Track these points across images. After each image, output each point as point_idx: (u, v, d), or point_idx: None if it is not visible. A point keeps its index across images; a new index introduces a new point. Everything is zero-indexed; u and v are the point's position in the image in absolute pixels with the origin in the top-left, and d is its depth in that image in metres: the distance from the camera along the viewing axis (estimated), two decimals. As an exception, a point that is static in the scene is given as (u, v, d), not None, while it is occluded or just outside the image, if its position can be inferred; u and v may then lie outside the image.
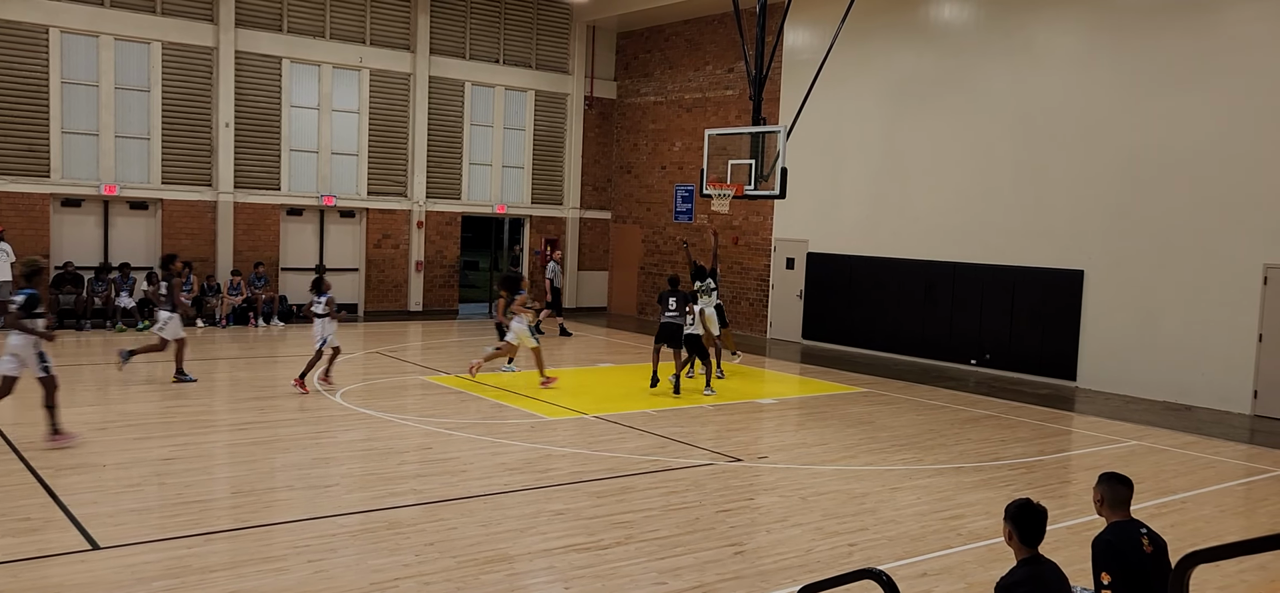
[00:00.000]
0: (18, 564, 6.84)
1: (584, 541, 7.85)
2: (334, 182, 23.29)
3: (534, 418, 12.68)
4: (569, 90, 26.50)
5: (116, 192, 20.58)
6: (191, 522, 7.92)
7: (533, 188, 26.34)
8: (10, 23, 19.26)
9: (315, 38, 22.64)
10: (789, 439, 12.48)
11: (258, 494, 8.94)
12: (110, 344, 17.79)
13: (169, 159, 21.21)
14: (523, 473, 9.91)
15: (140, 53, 20.72)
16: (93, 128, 20.35)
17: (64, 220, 20.39)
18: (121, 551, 7.21)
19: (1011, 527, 4.52)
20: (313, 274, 19.54)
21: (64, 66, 19.94)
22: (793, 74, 21.47)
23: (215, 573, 6.81)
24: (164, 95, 21.02)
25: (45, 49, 19.67)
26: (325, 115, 23.06)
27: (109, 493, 8.58)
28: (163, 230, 21.30)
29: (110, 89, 20.44)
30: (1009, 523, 4.53)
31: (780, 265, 22.77)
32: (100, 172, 20.45)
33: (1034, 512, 4.51)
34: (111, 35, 20.31)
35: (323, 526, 8.02)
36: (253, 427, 11.69)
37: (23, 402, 12.55)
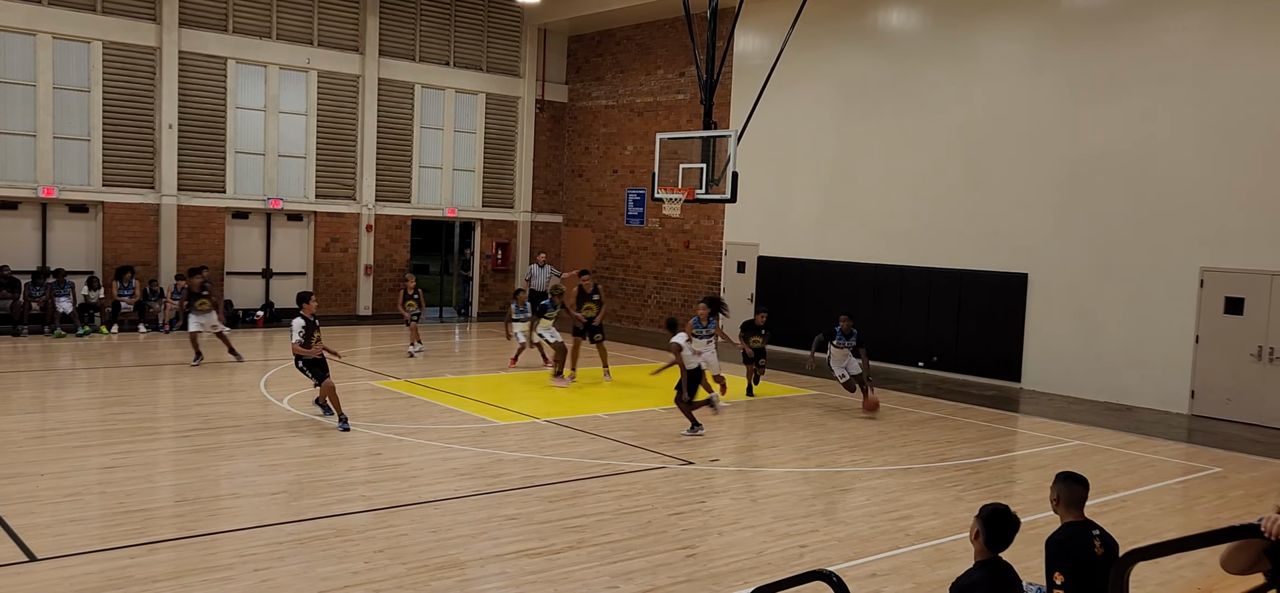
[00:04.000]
0: (-49, 578, 6.64)
1: (536, 545, 7.82)
2: (281, 184, 22.95)
3: (485, 423, 12.61)
4: (520, 93, 26.40)
5: (55, 194, 20.08)
6: (134, 532, 7.75)
7: (484, 191, 26.19)
8: (-57, 20, 18.72)
9: (261, 38, 22.30)
10: (740, 442, 12.54)
11: (202, 503, 8.78)
12: (48, 350, 17.36)
13: (110, 161, 20.74)
14: (474, 478, 9.84)
15: (80, 52, 20.25)
16: (30, 129, 19.84)
17: (2, 222, 19.84)
18: (60, 561, 7.03)
19: (981, 528, 4.58)
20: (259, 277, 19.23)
21: (2, 66, 19.42)
22: (743, 79, 21.61)
23: (159, 583, 6.67)
24: (105, 96, 20.56)
25: (-20, 47, 19.15)
26: (272, 117, 22.71)
27: (47, 503, 8.37)
28: (103, 234, 20.82)
29: (48, 89, 19.95)
30: (980, 524, 4.60)
31: (732, 268, 22.89)
32: (38, 173, 19.94)
33: (1008, 520, 4.59)
34: (50, 34, 19.82)
35: (269, 534, 7.89)
36: (196, 434, 11.47)
37: (-44, 410, 12.19)
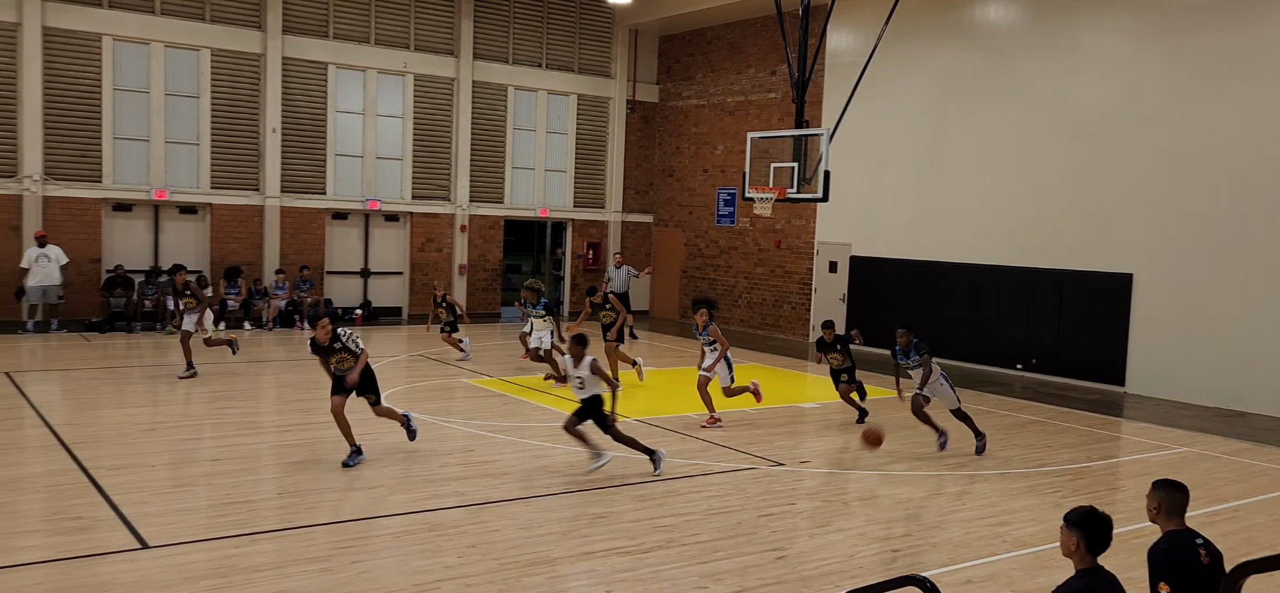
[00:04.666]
0: (69, 562, 6.98)
1: (625, 544, 7.84)
2: (378, 186, 23.53)
3: (575, 421, 12.69)
4: (611, 94, 26.55)
5: (166, 196, 20.97)
6: (239, 522, 8.03)
7: (575, 191, 26.42)
8: (65, 32, 19.69)
9: (360, 43, 22.90)
10: (832, 444, 12.38)
11: (303, 495, 9.04)
12: (159, 347, 18.12)
13: (218, 164, 21.57)
14: (564, 476, 9.92)
15: (190, 60, 21.10)
16: (144, 134, 20.76)
17: (115, 225, 20.81)
18: (169, 549, 7.33)
19: (1079, 535, 4.41)
20: (357, 277, 19.74)
21: (116, 74, 20.36)
22: (836, 76, 21.32)
23: (261, 573, 6.89)
24: (213, 101, 21.39)
25: (98, 57, 20.10)
26: (370, 120, 23.31)
27: (158, 493, 8.73)
28: (211, 234, 21.66)
29: (161, 96, 20.84)
30: (1075, 531, 4.43)
31: (823, 269, 22.62)
32: (150, 177, 20.85)
33: (1101, 520, 4.43)
34: (162, 43, 20.70)
35: (366, 527, 8.09)
36: (298, 428, 11.83)
37: (78, 403, 12.83)
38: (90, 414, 12.05)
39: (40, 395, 12.93)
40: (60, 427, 11.07)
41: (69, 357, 16.54)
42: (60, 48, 19.70)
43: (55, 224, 19.75)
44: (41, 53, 19.41)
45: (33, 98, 19.37)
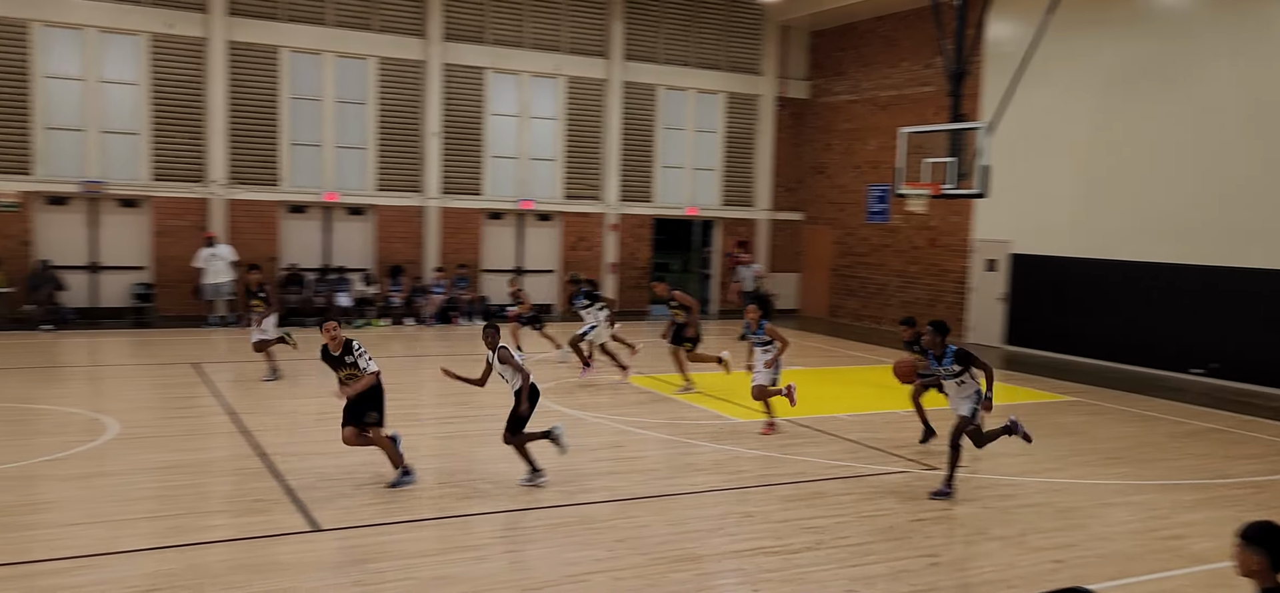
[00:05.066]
0: (251, 541, 7.47)
1: (773, 544, 7.80)
2: (532, 186, 24.15)
3: (723, 420, 12.70)
4: (761, 91, 26.39)
5: (337, 198, 22.12)
6: (401, 508, 8.40)
7: (724, 190, 26.41)
8: (247, 45, 21.03)
9: (515, 48, 23.55)
10: (988, 448, 11.94)
11: (460, 485, 9.38)
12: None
13: (383, 167, 22.61)
14: (711, 474, 9.95)
15: (358, 68, 22.18)
16: (317, 139, 21.96)
17: (291, 225, 22.10)
18: (340, 532, 7.74)
19: (1262, 553, 4.10)
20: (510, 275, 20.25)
21: (293, 83, 21.61)
22: (995, 67, 20.54)
23: (423, 558, 7.20)
24: (379, 107, 22.43)
25: (276, 67, 21.38)
26: (524, 122, 23.94)
27: (329, 479, 9.22)
28: (377, 234, 22.72)
29: (332, 103, 22.00)
30: (1256, 548, 4.12)
31: (980, 267, 21.83)
32: (323, 180, 22.04)
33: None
34: (333, 53, 21.84)
35: (519, 518, 8.33)
36: (455, 421, 12.28)
37: (257, 392, 13.69)
38: (268, 403, 12.84)
39: (224, 385, 13.87)
40: (244, 415, 11.84)
41: (248, 349, 17.67)
42: (243, 60, 21.05)
43: (237, 226, 21.14)
44: (226, 65, 20.79)
45: (218, 107, 20.78)
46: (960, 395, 9.48)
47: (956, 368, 9.38)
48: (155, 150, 20.56)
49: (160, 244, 20.73)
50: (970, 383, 9.42)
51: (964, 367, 9.40)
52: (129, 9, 19.98)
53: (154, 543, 7.44)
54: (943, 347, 9.45)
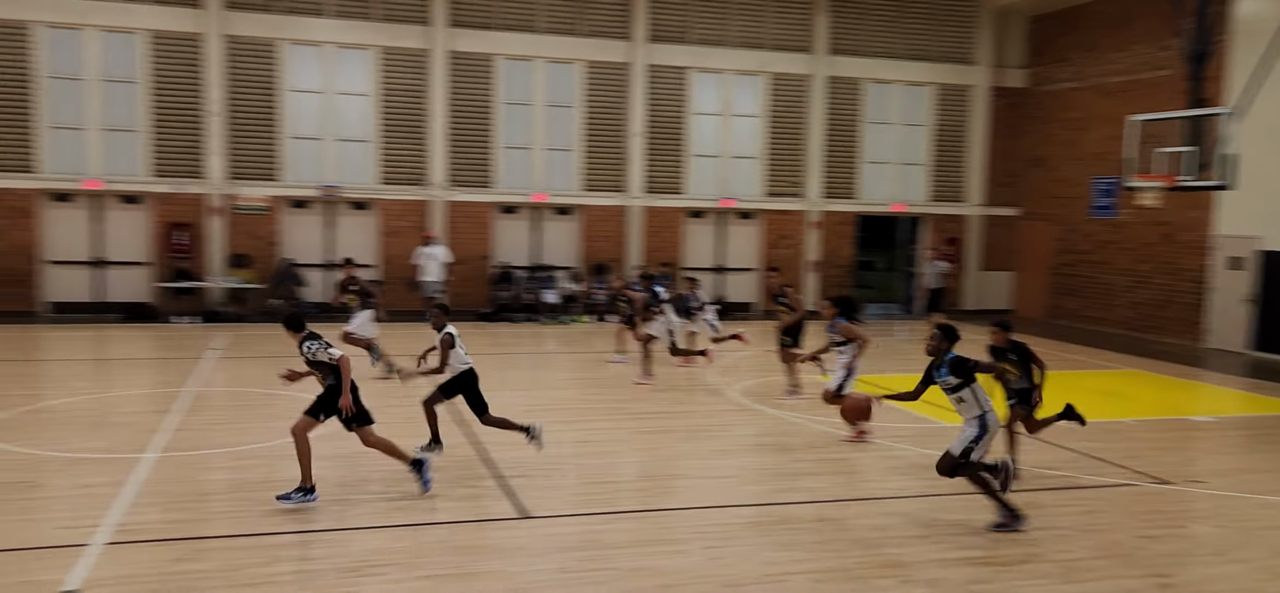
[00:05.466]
0: (464, 525, 7.86)
1: (983, 554, 7.45)
2: (733, 184, 24.15)
3: (929, 423, 12.25)
4: (973, 81, 25.28)
5: (546, 199, 22.93)
6: (604, 501, 8.61)
7: (931, 185, 25.48)
8: (465, 54, 22.13)
9: (718, 46, 23.62)
10: (1230, 463, 10.93)
11: (661, 480, 9.50)
12: (536, 336, 19.82)
13: (589, 168, 23.24)
14: (917, 479, 9.61)
15: (566, 73, 22.90)
16: (527, 142, 22.84)
17: (503, 225, 23.09)
18: (545, 520, 8.02)
19: None
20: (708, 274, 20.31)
21: (506, 89, 22.56)
22: (1244, 46, 18.74)
23: (622, 549, 7.34)
24: (587, 110, 23.07)
25: (491, 75, 22.39)
26: (726, 120, 23.99)
27: (536, 469, 9.55)
28: (583, 233, 23.39)
29: (542, 107, 22.82)
30: None
31: (1222, 266, 20.01)
32: (532, 181, 22.90)
33: None
34: (544, 58, 22.64)
35: (720, 515, 8.33)
36: (659, 416, 12.45)
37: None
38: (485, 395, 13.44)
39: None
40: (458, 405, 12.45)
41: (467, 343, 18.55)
42: (461, 69, 22.17)
43: (455, 226, 22.30)
44: (447, 75, 21.97)
45: (439, 115, 21.99)
46: (964, 417, 7.93)
47: (953, 381, 7.85)
48: (383, 156, 22.00)
49: (387, 244, 22.16)
50: (971, 403, 7.85)
51: (961, 381, 7.82)
52: (361, 25, 21.46)
53: (378, 522, 7.95)
54: (944, 353, 7.93)
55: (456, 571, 6.87)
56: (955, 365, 7.84)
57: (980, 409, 7.85)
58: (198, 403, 12.32)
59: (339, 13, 21.33)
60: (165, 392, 12.98)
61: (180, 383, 13.48)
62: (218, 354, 16.35)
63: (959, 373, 7.83)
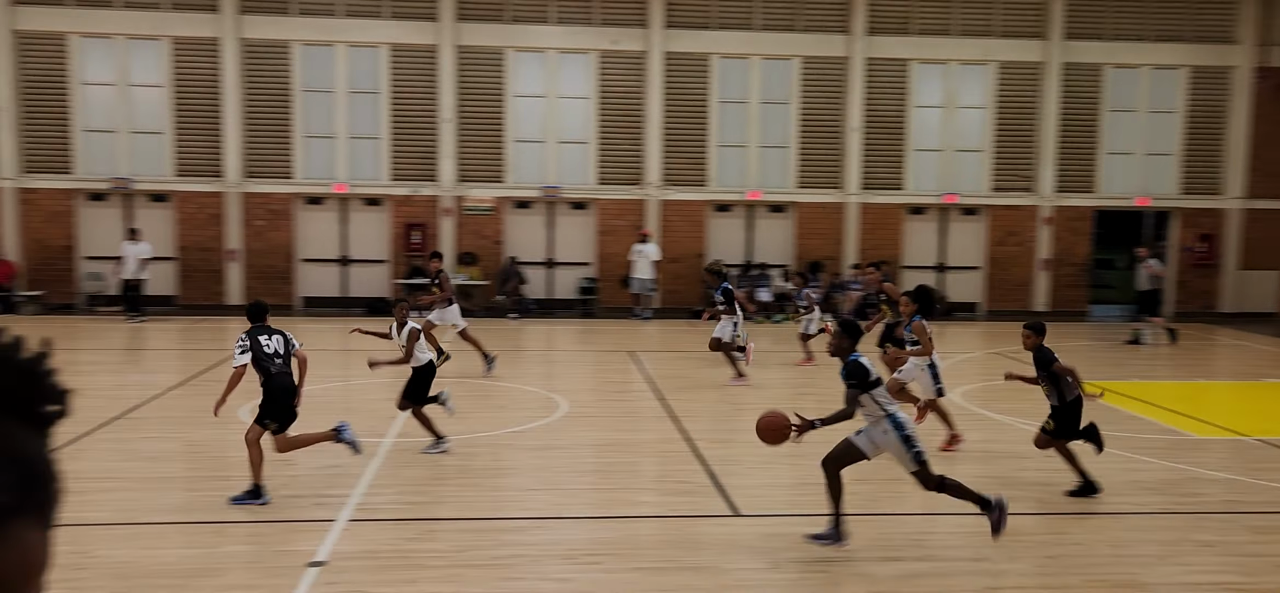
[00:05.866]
0: (675, 519, 7.93)
1: (1240, 580, 6.76)
2: (956, 179, 23.16)
3: (1177, 434, 11.27)
4: (1234, 62, 23.04)
5: (759, 196, 22.83)
6: (819, 502, 8.44)
7: (1182, 177, 23.44)
8: (681, 54, 22.38)
9: (941, 36, 22.72)
10: None
11: (877, 484, 9.22)
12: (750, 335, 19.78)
13: (804, 165, 22.94)
14: (1162, 494, 8.86)
15: (783, 69, 22.70)
16: (741, 140, 22.83)
17: (717, 223, 23.18)
18: (758, 519, 7.96)
19: None
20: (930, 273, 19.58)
21: (721, 87, 22.64)
22: None
23: (849, 551, 7.17)
24: (801, 106, 22.79)
25: (707, 74, 22.52)
26: (949, 113, 23.05)
27: (749, 467, 9.52)
28: (796, 230, 23.12)
29: (756, 104, 22.74)
30: None
31: None
32: (746, 179, 22.86)
33: None
34: (759, 56, 22.56)
35: (933, 523, 8.00)
36: (874, 418, 12.09)
37: (684, 381, 14.51)
38: (694, 392, 13.56)
39: (654, 373, 14.88)
40: (670, 401, 12.62)
41: (677, 340, 18.79)
42: (678, 69, 22.44)
43: (669, 224, 22.61)
44: (663, 75, 22.30)
45: (655, 115, 22.35)
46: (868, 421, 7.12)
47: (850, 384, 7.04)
48: (601, 156, 22.60)
49: (603, 242, 22.77)
50: (873, 406, 7.04)
51: (855, 385, 7.00)
52: (580, 30, 22.15)
53: (594, 512, 8.15)
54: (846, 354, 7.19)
55: (669, 564, 6.93)
56: (851, 370, 7.11)
57: (882, 411, 7.07)
58: (430, 392, 13.07)
59: (561, 19, 22.09)
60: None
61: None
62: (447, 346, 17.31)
63: (854, 377, 7.06)
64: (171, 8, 21.24)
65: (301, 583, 6.39)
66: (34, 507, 1.00)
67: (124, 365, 16.23)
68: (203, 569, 6.70)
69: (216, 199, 21.79)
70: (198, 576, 6.58)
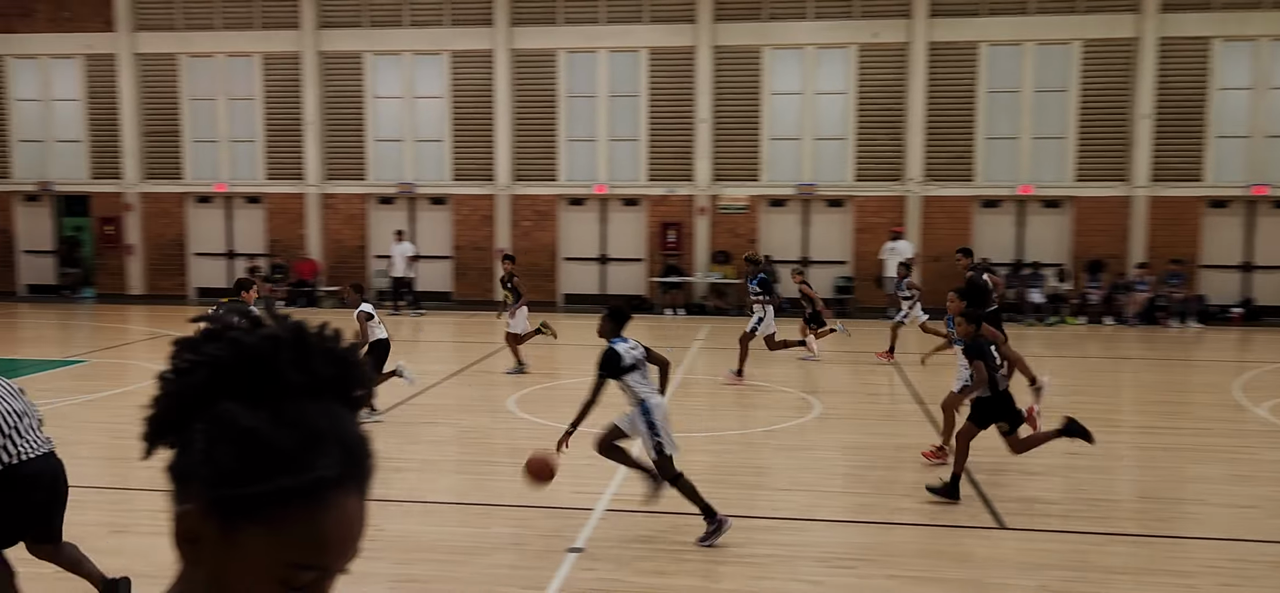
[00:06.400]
0: (936, 529, 7.56)
1: None
2: (1268, 168, 20.69)
3: None
4: None
5: (1031, 191, 21.44)
6: (1095, 519, 7.79)
7: None
8: (946, 44, 21.43)
9: (1250, 11, 20.40)
10: None
11: (1166, 503, 8.39)
12: (1020, 339, 18.60)
13: (1083, 156, 21.32)
14: None
15: (1061, 54, 21.21)
16: (1013, 131, 21.52)
17: (983, 220, 21.99)
18: (1024, 534, 7.44)
19: None
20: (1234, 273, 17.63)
21: (989, 77, 21.46)
22: None
23: (1117, 575, 6.57)
24: (1083, 93, 21.18)
25: (975, 63, 21.42)
26: (1259, 94, 20.69)
27: (1015, 478, 8.93)
28: (1073, 227, 21.51)
29: (1029, 93, 21.36)
30: None
31: None
32: (1017, 173, 21.53)
33: None
34: (1034, 42, 21.18)
35: (1238, 549, 7.14)
36: (1159, 432, 11.04)
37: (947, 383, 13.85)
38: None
39: (913, 375, 14.31)
40: (931, 406, 12.07)
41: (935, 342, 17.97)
42: (942, 59, 21.51)
43: (930, 222, 21.71)
44: (926, 66, 21.44)
45: (918, 107, 21.53)
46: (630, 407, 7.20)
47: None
48: (858, 153, 22.06)
49: (860, 240, 22.20)
50: (629, 394, 7.12)
51: (601, 372, 7.10)
52: (839, 25, 21.72)
53: (849, 516, 7.93)
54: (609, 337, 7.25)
55: (926, 574, 6.61)
56: (603, 358, 7.15)
57: (638, 397, 7.13)
58: (681, 390, 13.26)
59: (819, 14, 21.77)
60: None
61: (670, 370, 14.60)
62: (699, 345, 17.49)
63: (604, 365, 7.13)
64: (452, 24, 22.85)
65: (561, 567, 6.63)
66: (353, 479, 1.10)
67: (403, 357, 17.62)
68: (473, 548, 7.11)
69: (488, 201, 23.21)
70: (469, 553, 6.99)
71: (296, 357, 1.11)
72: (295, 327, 1.14)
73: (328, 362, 1.13)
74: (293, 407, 1.08)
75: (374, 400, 7.32)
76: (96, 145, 24.32)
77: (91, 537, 7.40)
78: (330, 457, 1.08)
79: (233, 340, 1.11)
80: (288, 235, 23.89)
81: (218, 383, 1.09)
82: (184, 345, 1.14)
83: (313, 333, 1.15)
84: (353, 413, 1.15)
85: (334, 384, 1.12)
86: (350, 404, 1.15)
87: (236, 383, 1.09)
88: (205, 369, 1.10)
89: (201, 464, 1.08)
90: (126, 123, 23.93)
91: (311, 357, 1.12)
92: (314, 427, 1.08)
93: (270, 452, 1.06)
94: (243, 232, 24.44)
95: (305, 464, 1.06)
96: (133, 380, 13.33)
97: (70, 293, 24.11)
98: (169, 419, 1.12)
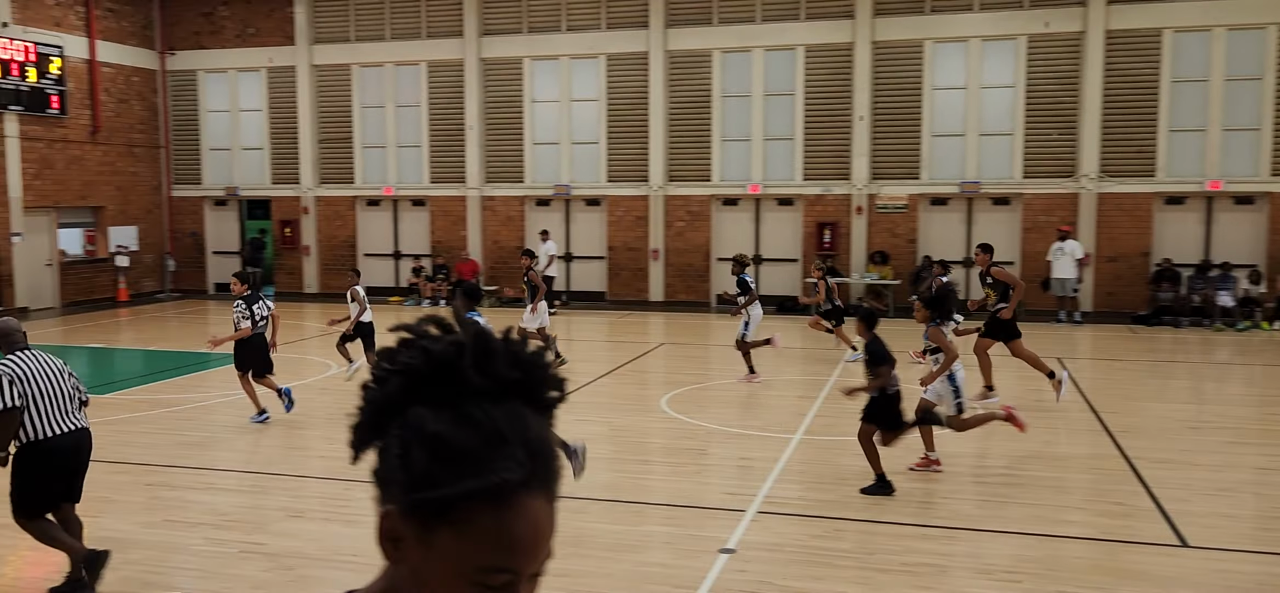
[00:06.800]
0: (1109, 544, 7.11)
1: None
2: None
3: None
4: None
5: (1221, 187, 19.98)
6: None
7: None
8: (1124, 32, 20.21)
9: None
10: None
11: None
12: (1206, 343, 17.37)
13: (1278, 152, 19.69)
14: None
15: (1253, 40, 19.68)
16: (1200, 124, 20.11)
17: (1165, 218, 20.63)
18: (1211, 553, 6.92)
19: None
20: None
21: (1174, 64, 20.12)
22: None
23: (1320, 604, 6.01)
24: (1279, 82, 19.60)
25: (1159, 53, 20.12)
26: None
27: (1200, 493, 8.32)
28: (1269, 226, 19.91)
29: (1219, 84, 19.91)
30: None
31: None
32: (1205, 168, 20.11)
33: None
34: (1223, 27, 19.74)
35: None
36: (1373, 448, 10.05)
37: (1122, 392, 13.09)
38: (1134, 404, 12.18)
39: (1085, 382, 13.55)
40: (1105, 414, 11.41)
41: (1114, 347, 17.01)
42: (1119, 49, 20.31)
43: (1106, 219, 20.53)
44: (1103, 56, 20.29)
45: (1093, 98, 20.40)
46: None
47: None
48: (1027, 148, 21.09)
49: (1027, 239, 21.19)
50: None
51: None
52: (1008, 16, 20.82)
53: (1014, 527, 7.57)
54: None
55: (1098, 590, 6.23)
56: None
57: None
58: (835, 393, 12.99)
59: (985, 5, 20.94)
60: (811, 379, 13.94)
61: (825, 372, 14.35)
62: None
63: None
64: (607, 27, 23.16)
65: (713, 568, 6.59)
66: (538, 481, 1.12)
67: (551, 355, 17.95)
68: (626, 545, 7.16)
69: (642, 202, 23.39)
70: (622, 550, 7.04)
71: (478, 360, 1.14)
72: (478, 331, 1.17)
73: (511, 365, 1.15)
74: (476, 409, 1.11)
75: None
76: (277, 152, 25.86)
77: (269, 520, 7.85)
78: (514, 459, 1.09)
79: (423, 348, 1.15)
80: (450, 237, 24.76)
81: (411, 390, 1.14)
82: (383, 355, 1.19)
83: (495, 338, 1.17)
84: (542, 416, 1.16)
85: (519, 387, 1.15)
86: (539, 407, 1.16)
87: (426, 389, 1.13)
88: (399, 377, 1.15)
89: (398, 468, 1.12)
90: (304, 130, 25.35)
91: (494, 360, 1.14)
92: (496, 428, 1.11)
93: (455, 453, 1.09)
94: (408, 233, 25.48)
95: (488, 465, 1.09)
96: (310, 374, 14.08)
97: (253, 292, 25.67)
98: (370, 426, 1.16)
